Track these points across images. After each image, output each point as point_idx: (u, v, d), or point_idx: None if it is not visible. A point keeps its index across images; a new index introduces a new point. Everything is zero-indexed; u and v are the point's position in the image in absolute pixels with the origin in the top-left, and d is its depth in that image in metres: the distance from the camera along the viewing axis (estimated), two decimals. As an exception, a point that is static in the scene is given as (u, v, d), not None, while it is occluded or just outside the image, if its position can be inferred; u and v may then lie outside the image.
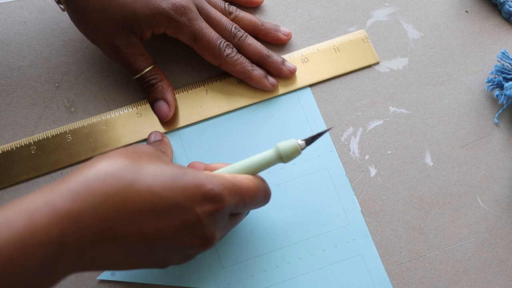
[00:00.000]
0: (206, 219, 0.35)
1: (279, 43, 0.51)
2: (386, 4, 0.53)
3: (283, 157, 0.38)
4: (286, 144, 0.38)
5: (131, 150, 0.36)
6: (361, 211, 0.45)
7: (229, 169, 0.39)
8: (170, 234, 0.34)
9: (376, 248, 0.44)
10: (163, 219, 0.34)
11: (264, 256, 0.44)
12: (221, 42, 0.46)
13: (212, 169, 0.40)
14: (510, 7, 0.51)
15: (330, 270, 0.44)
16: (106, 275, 0.43)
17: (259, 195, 0.38)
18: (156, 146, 0.42)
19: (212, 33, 0.46)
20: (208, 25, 0.46)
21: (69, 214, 0.31)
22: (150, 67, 0.46)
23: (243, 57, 0.48)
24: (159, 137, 0.45)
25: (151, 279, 0.43)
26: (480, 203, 0.46)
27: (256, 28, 0.49)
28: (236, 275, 0.44)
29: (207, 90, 0.49)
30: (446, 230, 0.45)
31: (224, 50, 0.46)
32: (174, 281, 0.43)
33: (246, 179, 0.38)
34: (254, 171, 0.39)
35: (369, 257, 0.44)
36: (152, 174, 0.34)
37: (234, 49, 0.47)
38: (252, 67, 0.48)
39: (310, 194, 0.46)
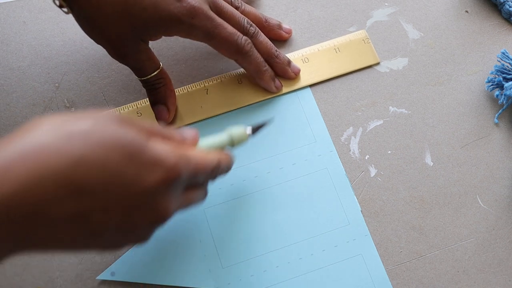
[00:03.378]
0: (161, 190, 0.32)
1: (281, 40, 0.51)
2: (386, 4, 0.53)
3: (234, 141, 0.41)
4: (237, 129, 0.41)
5: (80, 114, 0.32)
6: (361, 211, 0.45)
7: None
8: (120, 214, 0.31)
9: (376, 248, 0.44)
10: (112, 198, 0.30)
11: (264, 256, 0.44)
12: (238, 37, 0.45)
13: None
14: (510, 7, 0.51)
15: (330, 270, 0.44)
16: (106, 275, 0.43)
17: (212, 162, 0.37)
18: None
19: (228, 29, 0.45)
20: (222, 21, 0.45)
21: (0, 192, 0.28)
22: (156, 72, 0.45)
23: (258, 55, 0.47)
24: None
25: (151, 279, 0.43)
26: (480, 203, 0.46)
27: (260, 24, 0.49)
28: (236, 275, 0.43)
29: (207, 89, 0.49)
30: (446, 230, 0.45)
31: (244, 47, 0.45)
32: (174, 281, 0.43)
33: (199, 151, 0.37)
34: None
35: (369, 257, 0.44)
36: (105, 150, 0.30)
37: (253, 46, 0.46)
38: (265, 67, 0.47)
39: (310, 194, 0.46)
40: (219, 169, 0.38)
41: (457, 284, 0.44)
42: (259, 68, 0.47)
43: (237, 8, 0.48)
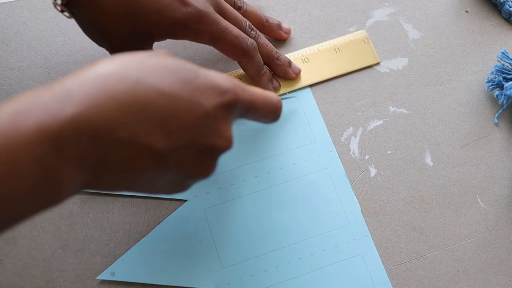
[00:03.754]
0: (221, 115, 0.33)
1: (280, 40, 0.51)
2: (386, 4, 0.53)
3: None
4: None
5: (136, 52, 0.33)
6: (361, 211, 0.45)
7: None
8: (184, 138, 0.32)
9: (376, 248, 0.44)
10: (175, 122, 0.31)
11: (264, 256, 0.44)
12: (244, 40, 0.45)
13: None
14: (510, 7, 0.51)
15: (330, 270, 0.44)
16: (106, 275, 0.43)
17: (271, 103, 0.38)
18: None
19: (234, 32, 0.44)
20: (228, 23, 0.44)
21: (63, 114, 0.28)
22: None
23: (260, 59, 0.47)
24: None
25: (151, 279, 0.43)
26: (480, 203, 0.46)
27: (261, 24, 0.50)
28: (236, 275, 0.43)
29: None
30: (446, 230, 0.45)
31: (250, 51, 0.45)
32: (174, 281, 0.43)
33: (258, 88, 0.38)
34: None
35: (369, 257, 0.44)
36: (160, 73, 0.31)
37: (257, 49, 0.46)
38: (264, 69, 0.47)
39: (310, 194, 0.46)
40: (278, 110, 0.39)
41: (457, 284, 0.44)
42: (259, 71, 0.47)
43: (240, 8, 0.48)
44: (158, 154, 0.31)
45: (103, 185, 0.32)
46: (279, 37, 0.51)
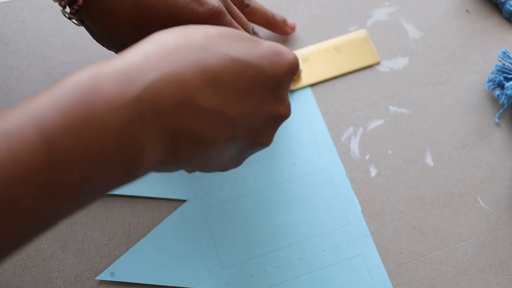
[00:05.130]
0: (285, 82, 0.34)
1: (286, 35, 0.52)
2: (386, 3, 0.53)
3: None
4: None
5: (190, 25, 0.33)
6: (362, 211, 0.45)
7: None
8: (255, 105, 0.32)
9: (377, 248, 0.44)
10: (246, 89, 0.32)
11: (264, 257, 0.44)
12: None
13: None
14: (511, 6, 0.51)
15: (330, 270, 0.44)
16: (105, 275, 0.43)
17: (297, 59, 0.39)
18: None
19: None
20: (238, 26, 0.44)
21: (144, 79, 0.28)
22: None
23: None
24: None
25: (151, 280, 0.43)
26: (481, 203, 0.46)
27: (267, 21, 0.50)
28: (236, 275, 0.43)
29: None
30: (447, 231, 0.45)
31: None
32: (174, 282, 0.43)
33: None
34: None
35: (369, 258, 0.44)
36: (226, 41, 0.32)
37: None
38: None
39: (310, 194, 0.46)
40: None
41: (458, 285, 0.44)
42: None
43: (247, 6, 0.48)
44: (230, 123, 0.31)
45: (178, 160, 0.31)
46: (284, 33, 0.51)
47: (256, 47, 0.33)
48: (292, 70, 0.35)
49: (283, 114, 0.35)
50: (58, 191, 0.26)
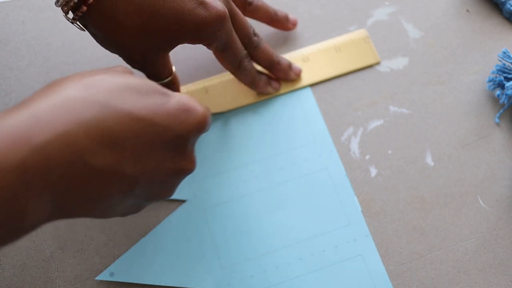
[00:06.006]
0: (191, 139, 0.33)
1: (287, 31, 0.52)
2: (386, 3, 0.53)
3: None
4: None
5: (97, 71, 0.32)
6: (362, 211, 0.45)
7: None
8: (156, 163, 0.31)
9: (377, 248, 0.44)
10: (146, 148, 0.30)
11: (264, 256, 0.44)
12: (243, 54, 0.44)
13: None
14: (511, 6, 0.51)
15: (330, 270, 0.44)
16: (105, 275, 0.43)
17: (208, 113, 0.37)
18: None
19: (238, 45, 0.43)
20: (235, 35, 0.43)
21: (31, 142, 0.27)
22: (168, 78, 0.44)
23: (253, 67, 0.47)
24: None
25: (151, 280, 0.43)
26: (481, 203, 0.46)
27: (269, 18, 0.50)
28: (236, 275, 0.43)
29: (207, 89, 0.49)
30: (447, 231, 0.45)
31: (243, 62, 0.45)
32: (174, 282, 0.43)
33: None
34: None
35: (369, 258, 0.44)
36: (130, 96, 0.30)
37: (250, 61, 0.46)
38: (258, 76, 0.47)
39: (310, 194, 0.46)
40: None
41: (458, 285, 0.43)
42: (253, 79, 0.47)
43: (250, 4, 0.48)
44: (127, 180, 0.31)
45: (70, 214, 0.31)
46: (286, 29, 0.51)
47: (164, 103, 0.32)
48: (200, 128, 0.33)
49: (186, 169, 0.34)
50: None
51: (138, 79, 0.32)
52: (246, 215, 0.45)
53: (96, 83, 0.30)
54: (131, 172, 0.30)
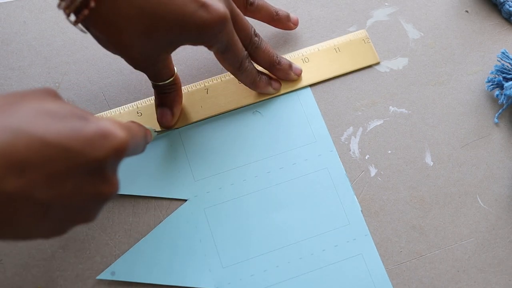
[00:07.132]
0: (110, 163, 0.32)
1: (289, 30, 0.51)
2: (386, 4, 0.53)
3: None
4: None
5: (14, 92, 0.31)
6: (361, 210, 0.45)
7: None
8: (72, 188, 0.30)
9: (376, 247, 0.44)
10: (61, 173, 0.30)
11: (264, 256, 0.44)
12: (244, 54, 0.44)
13: None
14: (510, 7, 0.51)
15: (330, 269, 0.44)
16: (106, 274, 0.43)
17: (142, 134, 0.37)
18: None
19: (239, 46, 0.43)
20: (236, 36, 0.43)
21: None
22: (170, 79, 0.44)
23: (254, 67, 0.47)
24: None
25: (151, 279, 0.43)
26: (480, 203, 0.46)
27: (271, 18, 0.50)
28: (236, 275, 0.43)
29: (207, 89, 0.49)
30: (446, 230, 0.45)
31: (243, 63, 0.45)
32: (174, 281, 0.43)
33: (128, 122, 0.37)
34: None
35: (369, 257, 0.44)
36: (45, 121, 0.29)
37: (251, 61, 0.46)
38: (259, 76, 0.47)
39: (310, 194, 0.46)
40: (148, 140, 0.38)
41: (457, 284, 0.44)
42: (253, 79, 0.47)
43: (251, 4, 0.48)
44: (39, 205, 0.30)
45: None
46: (288, 28, 0.51)
47: (81, 127, 0.31)
48: (118, 153, 0.32)
49: (107, 193, 0.33)
50: None
51: (57, 103, 0.31)
52: (246, 214, 0.45)
53: (10, 108, 0.29)
54: (44, 197, 0.30)
